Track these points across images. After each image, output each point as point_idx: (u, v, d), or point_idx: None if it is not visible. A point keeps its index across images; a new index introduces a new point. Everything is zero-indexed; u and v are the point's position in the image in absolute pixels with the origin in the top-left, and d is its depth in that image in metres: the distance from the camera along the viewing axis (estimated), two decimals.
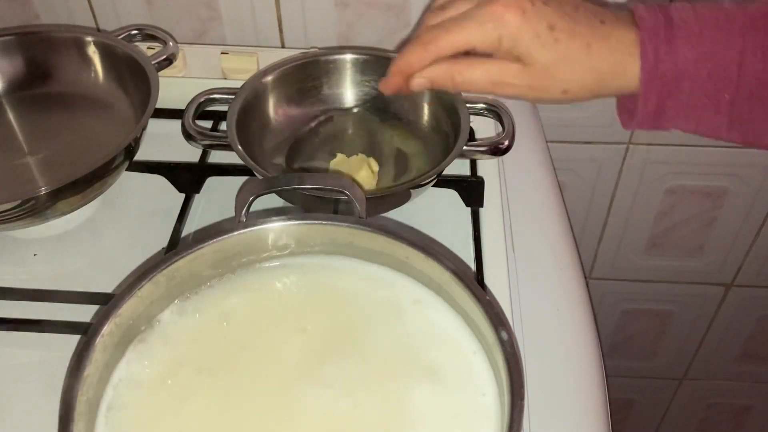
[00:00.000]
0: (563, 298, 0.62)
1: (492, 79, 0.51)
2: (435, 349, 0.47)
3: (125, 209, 0.66)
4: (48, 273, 0.61)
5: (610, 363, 1.22)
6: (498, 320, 0.43)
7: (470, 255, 0.60)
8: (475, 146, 0.62)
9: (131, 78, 0.68)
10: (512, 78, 0.50)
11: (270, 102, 0.68)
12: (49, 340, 0.54)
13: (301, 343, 0.48)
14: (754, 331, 1.16)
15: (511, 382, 0.40)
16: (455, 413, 0.44)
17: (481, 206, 0.65)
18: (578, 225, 1.00)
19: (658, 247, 1.04)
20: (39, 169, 0.66)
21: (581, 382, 0.57)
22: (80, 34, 0.70)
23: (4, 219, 0.56)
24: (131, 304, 0.45)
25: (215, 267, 0.50)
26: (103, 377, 0.44)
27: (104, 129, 0.69)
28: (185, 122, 0.63)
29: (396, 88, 0.55)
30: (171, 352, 0.47)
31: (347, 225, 0.49)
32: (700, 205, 0.97)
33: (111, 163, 0.59)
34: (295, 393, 0.45)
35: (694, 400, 1.30)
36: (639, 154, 0.91)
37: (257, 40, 0.83)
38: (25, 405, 0.52)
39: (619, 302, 1.13)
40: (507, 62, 0.50)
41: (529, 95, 0.51)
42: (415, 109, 0.69)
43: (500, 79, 0.51)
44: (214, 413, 0.44)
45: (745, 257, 1.04)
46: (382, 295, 0.50)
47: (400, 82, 0.54)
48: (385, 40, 0.82)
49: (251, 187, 0.50)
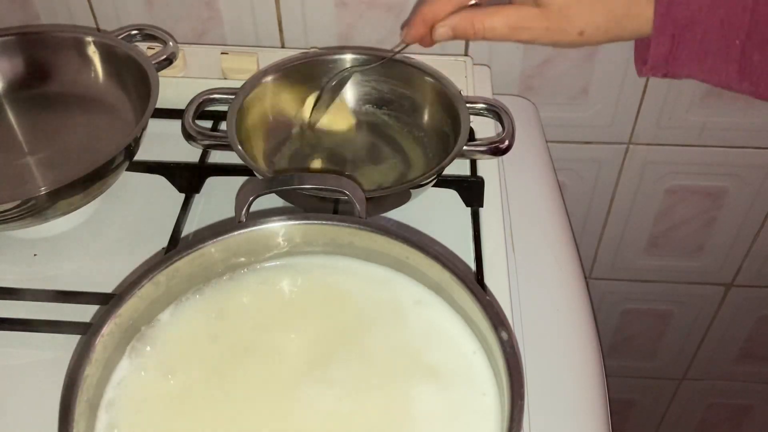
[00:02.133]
0: (563, 298, 0.62)
1: (510, 24, 0.53)
2: (435, 349, 0.47)
3: (125, 209, 0.66)
4: (48, 273, 0.61)
5: (610, 363, 1.22)
6: (498, 320, 0.43)
7: (470, 255, 0.60)
8: (475, 146, 0.62)
9: (131, 78, 0.68)
10: (530, 21, 0.52)
11: (270, 102, 0.68)
12: (49, 340, 0.54)
13: (302, 343, 0.48)
14: (753, 331, 1.16)
15: (511, 382, 0.40)
16: (456, 413, 0.44)
17: (481, 206, 0.65)
18: (578, 225, 1.00)
19: (658, 247, 1.04)
20: (39, 169, 0.66)
21: (581, 382, 0.57)
22: (80, 34, 0.70)
23: (4, 219, 0.56)
24: (131, 304, 0.45)
25: (215, 267, 0.50)
26: (103, 377, 0.44)
27: (104, 129, 0.69)
28: (185, 122, 0.63)
29: (419, 36, 0.57)
30: (171, 352, 0.47)
31: (347, 225, 0.49)
32: (700, 205, 0.97)
33: (111, 163, 0.59)
34: (296, 393, 0.45)
35: (693, 400, 1.30)
36: (639, 154, 0.91)
37: (257, 40, 0.83)
38: (25, 405, 0.52)
39: (619, 302, 1.13)
40: (525, 7, 0.52)
41: (545, 38, 0.53)
42: (415, 109, 0.69)
43: (518, 24, 0.53)
44: (214, 413, 0.44)
45: (744, 257, 1.04)
46: (382, 295, 0.50)
47: (423, 32, 0.56)
48: (385, 40, 0.82)
49: (251, 187, 0.50)
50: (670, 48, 0.50)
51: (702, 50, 0.50)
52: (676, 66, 0.51)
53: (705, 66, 0.51)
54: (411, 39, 0.57)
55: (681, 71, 0.52)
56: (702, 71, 0.51)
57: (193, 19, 0.82)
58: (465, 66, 0.79)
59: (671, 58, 0.51)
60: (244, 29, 0.82)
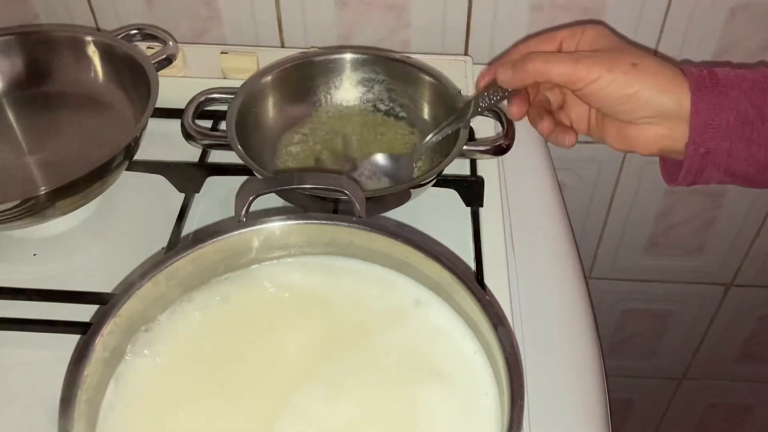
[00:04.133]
0: (563, 298, 0.62)
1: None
2: (435, 349, 0.47)
3: (125, 209, 0.66)
4: (48, 273, 0.61)
5: (610, 363, 1.22)
6: (497, 320, 0.43)
7: (470, 255, 0.60)
8: (475, 146, 0.62)
9: (131, 78, 0.67)
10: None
11: (270, 102, 0.68)
12: (49, 340, 0.54)
13: (302, 343, 0.48)
14: (753, 331, 1.16)
15: (511, 382, 0.40)
16: (458, 413, 0.44)
17: (481, 206, 0.65)
18: (578, 225, 1.00)
19: (658, 247, 1.04)
20: (39, 169, 0.66)
21: (581, 382, 0.57)
22: (80, 34, 0.70)
23: (4, 219, 0.56)
24: (131, 304, 0.45)
25: (215, 267, 0.50)
26: (103, 377, 0.44)
27: (104, 129, 0.69)
28: (185, 122, 0.63)
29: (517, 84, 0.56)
30: (171, 352, 0.47)
31: (347, 225, 0.49)
32: (700, 205, 0.97)
33: (111, 163, 0.59)
34: (296, 393, 0.45)
35: (693, 400, 1.30)
36: (639, 154, 0.91)
37: (257, 39, 0.83)
38: (25, 405, 0.52)
39: (619, 302, 1.13)
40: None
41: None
42: (415, 108, 0.69)
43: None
44: (214, 413, 0.44)
45: (744, 257, 1.04)
46: (381, 295, 0.50)
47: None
48: (385, 40, 0.82)
49: (251, 186, 0.50)
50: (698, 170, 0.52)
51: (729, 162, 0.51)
52: (704, 180, 0.53)
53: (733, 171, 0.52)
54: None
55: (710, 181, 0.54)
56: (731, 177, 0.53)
57: (193, 19, 0.82)
58: (465, 66, 0.79)
59: (698, 179, 0.53)
60: (244, 29, 0.82)
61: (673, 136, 0.52)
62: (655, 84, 0.51)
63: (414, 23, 0.81)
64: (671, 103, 0.50)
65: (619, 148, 0.56)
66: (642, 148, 0.54)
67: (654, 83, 0.51)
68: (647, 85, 0.50)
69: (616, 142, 0.56)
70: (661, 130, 0.52)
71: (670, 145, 0.52)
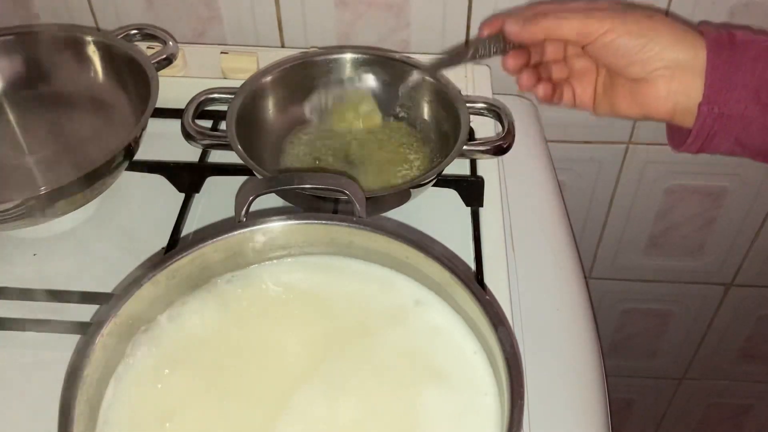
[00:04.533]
0: (563, 298, 0.62)
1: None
2: (435, 349, 0.47)
3: (125, 209, 0.66)
4: (48, 273, 0.61)
5: (610, 363, 1.22)
6: (497, 320, 0.43)
7: (470, 255, 0.60)
8: (475, 146, 0.62)
9: (131, 78, 0.68)
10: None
11: (270, 102, 0.68)
12: (49, 340, 0.54)
13: (302, 343, 0.48)
14: (753, 331, 1.16)
15: (511, 381, 0.40)
16: (458, 413, 0.44)
17: (481, 206, 0.65)
18: (578, 225, 1.00)
19: (657, 247, 1.04)
20: (39, 169, 0.66)
21: (581, 382, 0.57)
22: (80, 34, 0.70)
23: (4, 219, 0.56)
24: (131, 304, 0.45)
25: (215, 267, 0.50)
26: (103, 377, 0.44)
27: (104, 129, 0.69)
28: (185, 122, 0.63)
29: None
30: (171, 352, 0.47)
31: (347, 225, 0.49)
32: (700, 205, 0.97)
33: (111, 163, 0.59)
34: (296, 393, 0.45)
35: (693, 400, 1.30)
36: (639, 154, 0.91)
37: (257, 39, 0.83)
38: (25, 405, 0.52)
39: (619, 302, 1.13)
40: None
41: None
42: (415, 108, 0.69)
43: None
44: (214, 413, 0.44)
45: (744, 257, 1.04)
46: (381, 295, 0.50)
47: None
48: (385, 40, 0.82)
49: (251, 186, 0.50)
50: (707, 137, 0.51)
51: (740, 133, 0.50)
52: (713, 147, 0.52)
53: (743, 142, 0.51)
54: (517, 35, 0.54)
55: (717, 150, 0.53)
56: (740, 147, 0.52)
57: (193, 19, 0.82)
58: (465, 66, 0.79)
59: (708, 145, 0.52)
60: (244, 29, 0.82)
61: (687, 93, 0.50)
62: (671, 33, 0.49)
63: (413, 23, 0.81)
64: (686, 54, 0.49)
65: (629, 112, 0.54)
66: (654, 109, 0.52)
67: (669, 33, 0.49)
68: (662, 34, 0.49)
69: (626, 105, 0.53)
70: (674, 85, 0.50)
71: (683, 102, 0.50)
